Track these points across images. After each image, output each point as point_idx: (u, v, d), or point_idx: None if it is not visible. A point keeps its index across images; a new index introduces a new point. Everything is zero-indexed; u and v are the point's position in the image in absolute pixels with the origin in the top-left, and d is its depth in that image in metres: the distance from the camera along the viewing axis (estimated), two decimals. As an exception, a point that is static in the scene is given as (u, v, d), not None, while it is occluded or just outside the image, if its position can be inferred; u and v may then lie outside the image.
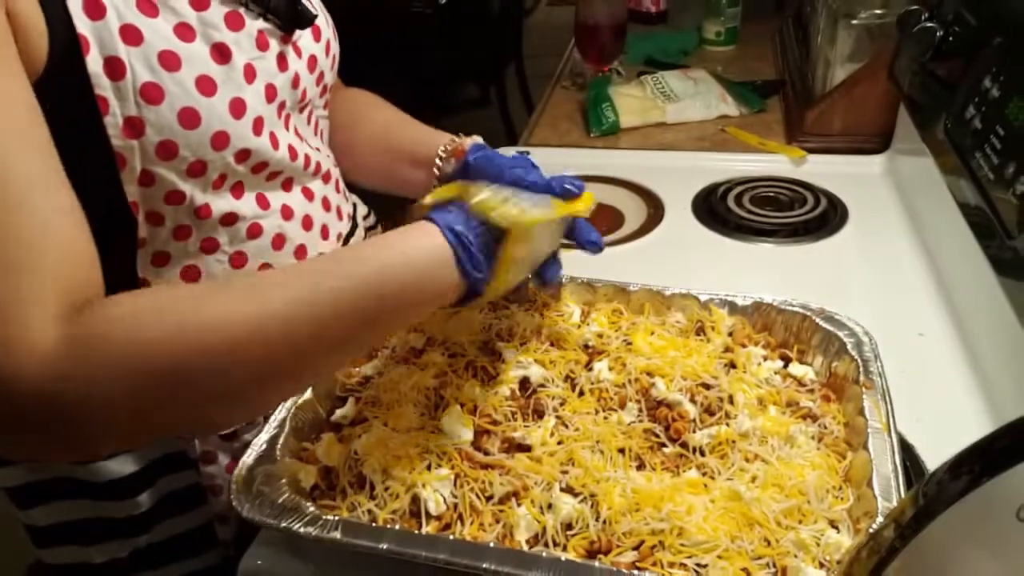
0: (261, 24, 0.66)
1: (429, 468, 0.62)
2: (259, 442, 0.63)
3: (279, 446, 0.63)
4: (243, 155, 0.65)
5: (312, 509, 0.58)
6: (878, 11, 1.23)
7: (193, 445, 0.75)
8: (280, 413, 0.66)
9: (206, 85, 0.61)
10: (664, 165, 1.27)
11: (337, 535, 0.55)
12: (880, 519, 0.54)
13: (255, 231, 0.70)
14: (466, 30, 2.70)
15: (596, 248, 0.71)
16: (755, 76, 1.55)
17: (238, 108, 0.63)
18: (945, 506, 0.38)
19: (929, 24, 0.98)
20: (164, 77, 0.59)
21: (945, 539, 0.38)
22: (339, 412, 0.69)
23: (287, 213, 0.73)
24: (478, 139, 0.82)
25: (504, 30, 3.07)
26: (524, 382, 0.70)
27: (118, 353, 0.48)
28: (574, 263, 0.80)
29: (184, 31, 0.61)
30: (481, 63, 3.10)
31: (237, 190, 0.68)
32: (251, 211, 0.69)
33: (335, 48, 0.79)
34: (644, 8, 1.87)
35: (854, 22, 1.25)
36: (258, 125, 0.65)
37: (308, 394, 0.68)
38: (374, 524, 0.58)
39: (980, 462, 0.37)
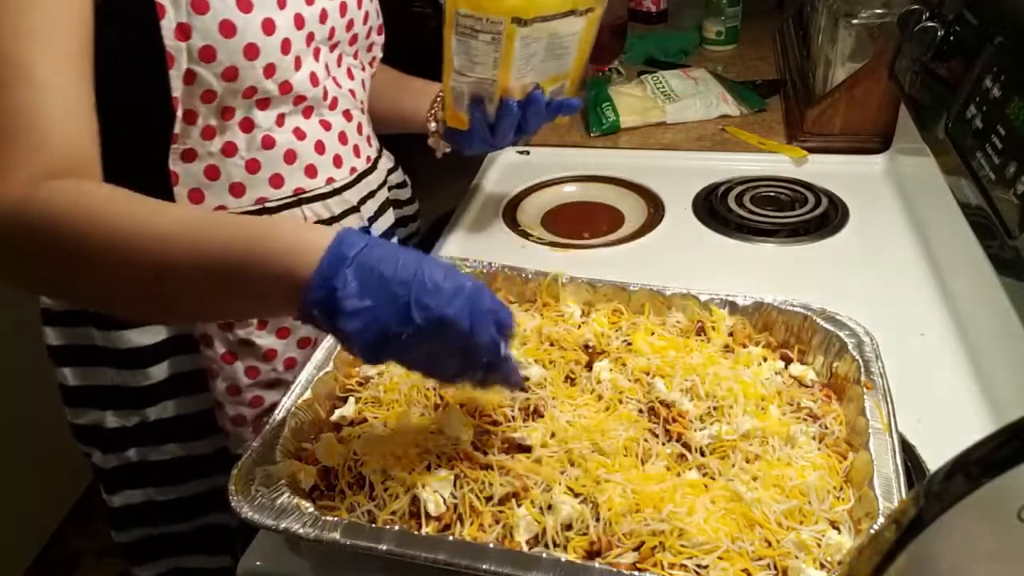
0: None
1: (429, 469, 0.62)
2: (258, 442, 0.63)
3: (278, 446, 0.63)
4: (270, 70, 0.74)
5: (311, 510, 0.58)
6: (879, 10, 1.23)
7: (195, 326, 0.83)
8: (279, 413, 0.66)
9: (244, 4, 0.71)
10: (664, 165, 1.27)
11: (336, 536, 0.55)
12: (881, 520, 0.54)
13: (268, 142, 0.79)
14: (466, 30, 2.69)
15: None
16: (755, 76, 1.55)
17: (269, 27, 0.73)
18: (946, 507, 0.37)
19: (930, 24, 0.98)
20: None
21: (946, 540, 0.38)
22: (339, 412, 0.69)
23: (300, 134, 0.81)
24: None
25: (504, 30, 3.06)
26: (524, 381, 0.70)
27: (36, 224, 0.59)
28: (574, 263, 0.81)
29: None
30: (481, 63, 3.08)
31: (263, 103, 0.77)
32: (267, 124, 0.78)
33: (369, 6, 0.88)
34: (644, 7, 1.87)
35: (855, 21, 1.25)
36: (286, 46, 0.75)
37: (308, 394, 0.68)
38: (373, 525, 0.58)
39: (981, 462, 0.37)
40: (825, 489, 0.59)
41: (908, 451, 0.70)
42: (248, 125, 0.77)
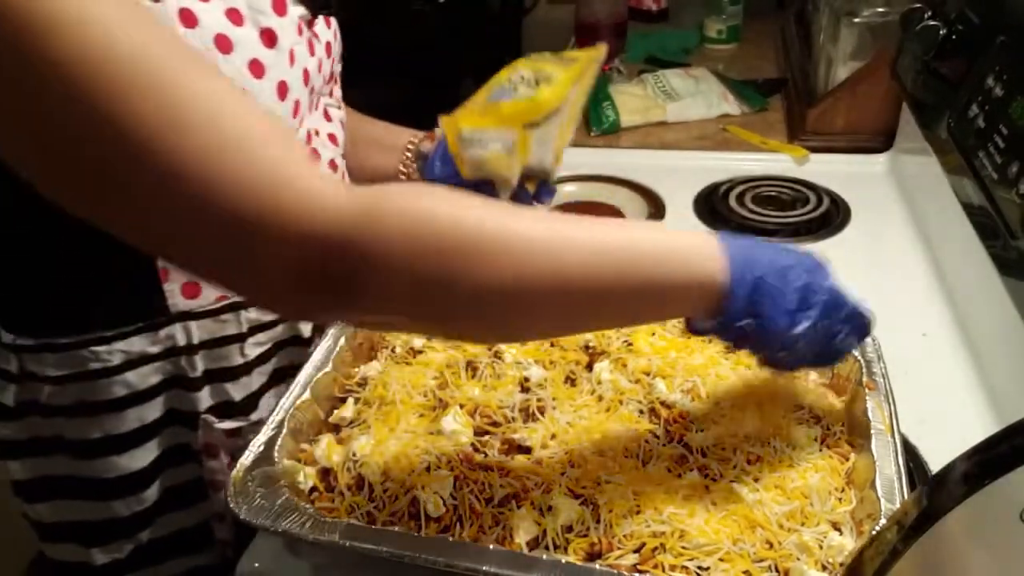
0: (301, 10, 0.68)
1: (428, 470, 0.61)
2: (257, 443, 0.62)
3: (277, 447, 0.62)
4: None
5: (310, 511, 0.57)
6: (880, 9, 1.23)
7: (196, 437, 0.75)
8: (278, 414, 0.65)
9: (257, 68, 0.63)
10: (665, 164, 1.27)
11: (335, 537, 0.55)
12: (883, 521, 0.54)
13: None
14: (466, 29, 2.69)
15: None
16: (757, 74, 1.55)
17: (283, 91, 0.65)
18: (948, 508, 0.37)
19: (932, 22, 0.98)
20: (219, 59, 0.61)
21: (948, 541, 0.38)
22: (338, 413, 0.69)
23: None
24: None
25: (504, 28, 3.07)
26: (524, 382, 0.70)
27: (403, 217, 0.46)
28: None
29: (234, 16, 0.62)
30: (481, 62, 3.09)
31: None
32: None
33: (334, 36, 0.80)
34: (645, 6, 1.86)
35: (856, 20, 1.25)
36: (297, 108, 0.68)
37: (307, 394, 0.68)
38: (373, 526, 0.58)
39: (983, 464, 0.37)
40: (827, 490, 0.59)
41: (910, 452, 0.69)
42: None
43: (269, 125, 0.47)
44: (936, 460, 0.69)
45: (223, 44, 0.61)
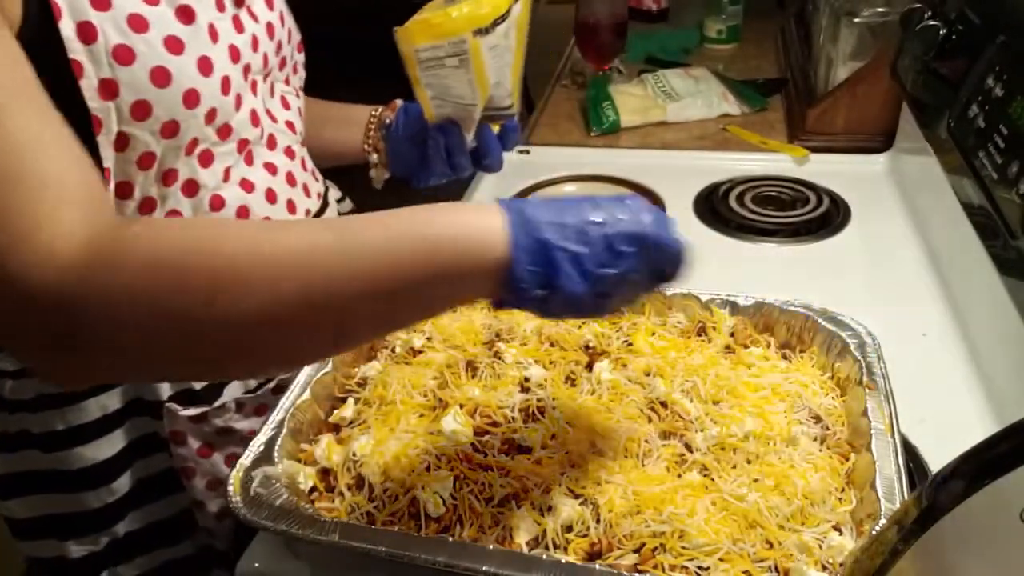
0: None
1: (428, 469, 0.62)
2: (257, 443, 0.63)
3: (277, 447, 0.63)
4: (212, 115, 0.66)
5: (310, 511, 0.58)
6: (880, 9, 1.23)
7: (162, 427, 0.75)
8: (278, 414, 0.65)
9: (174, 44, 0.62)
10: (665, 164, 1.27)
11: (335, 537, 0.55)
12: (883, 521, 0.54)
13: (217, 203, 0.70)
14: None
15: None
16: (757, 74, 1.55)
17: (206, 66, 0.64)
18: (948, 508, 0.37)
19: (932, 22, 0.98)
20: (134, 38, 0.60)
21: (948, 541, 0.38)
22: (338, 413, 0.69)
23: (247, 186, 0.73)
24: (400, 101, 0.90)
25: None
26: (524, 382, 0.70)
27: (134, 262, 0.46)
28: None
29: None
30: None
31: (205, 158, 0.69)
32: (213, 182, 0.70)
33: (290, 22, 0.80)
34: (645, 6, 1.86)
35: (856, 20, 1.25)
36: (226, 85, 0.67)
37: (307, 394, 0.68)
38: (373, 526, 0.58)
39: (983, 464, 0.37)
40: (827, 490, 0.59)
41: (910, 452, 0.69)
42: (192, 188, 0.68)
43: (45, 170, 0.46)
44: (936, 460, 0.69)
45: (137, 23, 0.60)
